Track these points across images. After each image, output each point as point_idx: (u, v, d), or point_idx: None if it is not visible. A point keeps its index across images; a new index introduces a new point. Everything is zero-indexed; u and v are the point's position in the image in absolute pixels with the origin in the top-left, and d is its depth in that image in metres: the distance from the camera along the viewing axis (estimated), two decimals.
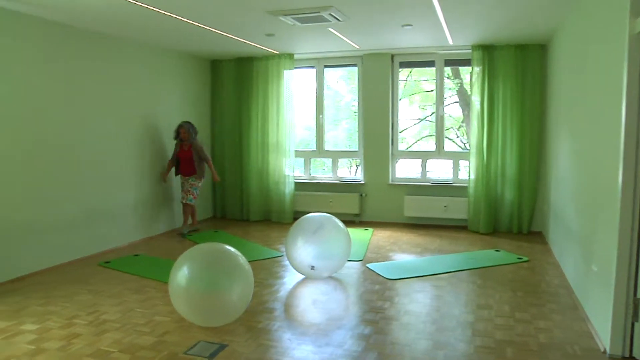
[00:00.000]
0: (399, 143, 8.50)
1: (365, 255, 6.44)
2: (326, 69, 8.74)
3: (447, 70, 9.40)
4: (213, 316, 4.06)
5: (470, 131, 7.82)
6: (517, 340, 3.85)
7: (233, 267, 4.09)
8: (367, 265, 5.95)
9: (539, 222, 7.62)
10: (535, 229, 7.67)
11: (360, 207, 8.47)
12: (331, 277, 5.50)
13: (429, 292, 5.07)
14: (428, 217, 8.15)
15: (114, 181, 6.83)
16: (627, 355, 3.52)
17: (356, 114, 8.77)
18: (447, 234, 7.67)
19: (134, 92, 7.18)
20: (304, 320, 4.40)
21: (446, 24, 6.19)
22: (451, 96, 10.92)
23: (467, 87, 10.31)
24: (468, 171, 7.80)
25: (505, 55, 7.43)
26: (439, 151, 8.25)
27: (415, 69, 9.95)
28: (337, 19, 5.78)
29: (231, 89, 8.85)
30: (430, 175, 8.42)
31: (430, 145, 10.33)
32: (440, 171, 9.24)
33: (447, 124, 9.77)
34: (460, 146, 11.21)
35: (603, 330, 3.73)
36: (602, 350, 3.65)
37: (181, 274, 4.00)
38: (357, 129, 8.71)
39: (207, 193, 9.02)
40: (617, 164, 3.46)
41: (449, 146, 9.70)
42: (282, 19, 5.76)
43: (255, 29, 6.44)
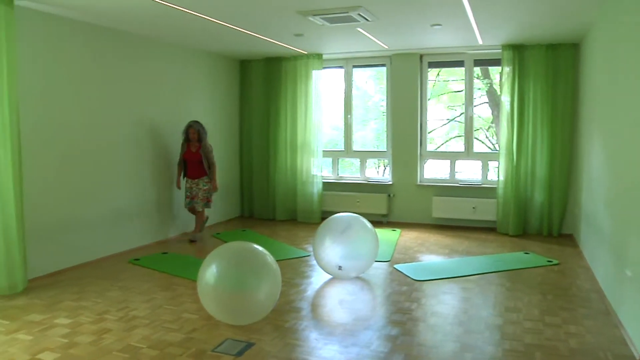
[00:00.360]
0: (427, 143, 8.45)
1: (392, 256, 6.42)
2: (355, 69, 8.73)
3: (477, 70, 9.30)
4: (241, 314, 4.09)
5: (499, 132, 7.73)
6: (547, 345, 3.79)
7: (261, 266, 4.12)
8: (395, 266, 5.93)
9: (570, 224, 7.49)
10: (565, 231, 7.55)
11: (388, 207, 8.44)
12: (358, 278, 5.50)
13: (457, 294, 5.03)
14: (456, 219, 8.08)
15: (145, 179, 6.95)
16: None
17: (384, 114, 8.74)
18: (475, 235, 7.60)
19: (165, 92, 7.29)
20: (330, 320, 4.41)
21: (476, 24, 6.13)
22: (480, 96, 10.81)
23: (496, 87, 10.21)
24: (497, 172, 7.71)
25: (536, 54, 7.32)
26: (468, 152, 8.17)
27: (443, 69, 9.88)
28: (366, 19, 5.77)
29: (260, 89, 8.90)
30: (458, 176, 8.35)
31: (459, 146, 10.25)
32: (469, 172, 9.15)
33: (476, 124, 9.67)
34: (489, 147, 11.09)
35: (638, 337, 3.64)
36: (637, 358, 3.57)
37: (210, 272, 4.04)
38: (385, 129, 8.68)
39: (234, 192, 9.09)
40: None
41: (478, 147, 9.60)
42: (311, 19, 5.78)
43: (285, 29, 6.47)
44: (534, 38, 7.01)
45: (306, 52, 8.28)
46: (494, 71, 9.97)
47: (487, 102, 11.03)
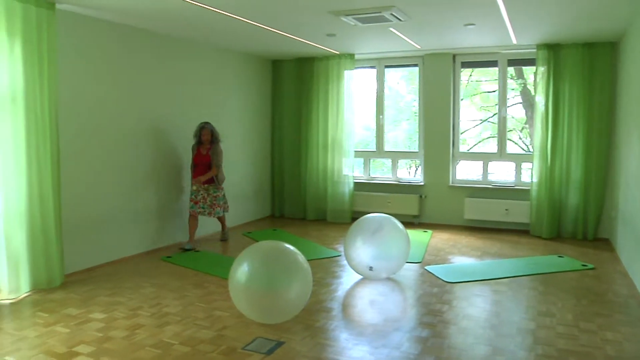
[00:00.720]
0: (459, 144, 8.37)
1: (423, 257, 6.38)
2: (387, 69, 8.70)
3: (510, 70, 9.18)
4: (271, 313, 4.12)
5: (533, 133, 7.61)
6: (582, 351, 3.71)
7: (292, 266, 4.14)
8: (426, 268, 5.90)
9: (606, 228, 7.33)
10: (601, 235, 7.38)
11: (419, 208, 8.39)
12: (389, 279, 5.48)
13: (489, 296, 4.97)
14: (488, 221, 7.99)
15: (178, 179, 7.05)
16: None
17: (416, 114, 8.69)
18: (507, 238, 7.49)
19: (198, 92, 7.39)
20: (361, 321, 4.41)
21: (510, 23, 6.05)
22: (514, 97, 10.66)
23: (530, 87, 10.06)
24: (531, 174, 7.59)
25: (572, 54, 7.18)
26: (501, 153, 8.07)
27: (476, 69, 9.77)
28: (398, 18, 5.75)
29: (292, 89, 8.95)
30: (491, 178, 8.26)
31: (491, 147, 10.12)
32: (502, 174, 9.03)
33: (510, 125, 9.53)
34: (523, 148, 10.93)
35: None
36: None
37: (241, 271, 4.08)
38: (417, 130, 8.63)
39: (265, 192, 9.15)
40: None
41: (511, 148, 9.47)
42: (343, 19, 5.78)
43: (317, 29, 6.49)
44: (570, 37, 6.88)
45: (338, 52, 8.29)
46: (528, 71, 9.82)
47: (520, 103, 10.87)
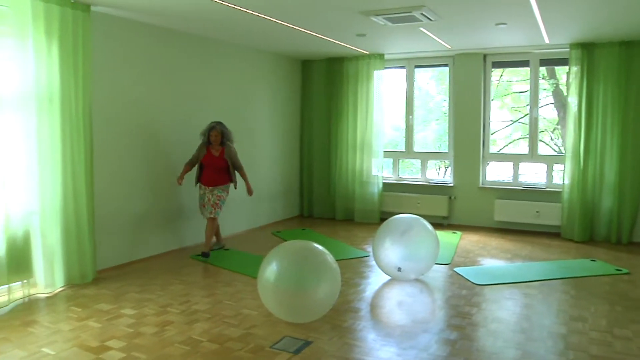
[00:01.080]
0: (490, 145, 8.28)
1: (452, 259, 6.33)
2: (417, 69, 8.65)
3: (542, 70, 9.03)
4: (300, 313, 4.14)
5: (565, 134, 7.48)
6: (616, 358, 3.63)
7: (321, 265, 4.16)
8: (455, 269, 5.85)
9: None
10: (636, 239, 7.21)
11: (448, 209, 8.32)
12: (418, 280, 5.46)
13: (519, 299, 4.91)
14: (519, 223, 7.88)
15: None
16: None
17: (446, 115, 8.62)
18: (538, 240, 7.38)
19: (228, 91, 7.45)
20: (389, 322, 4.40)
21: (543, 22, 5.95)
22: (546, 97, 10.49)
23: (563, 87, 9.88)
24: (563, 176, 7.46)
25: (607, 53, 7.03)
26: (532, 154, 7.95)
27: (507, 69, 9.64)
28: (428, 18, 5.71)
29: (321, 89, 8.97)
30: (522, 179, 8.14)
31: (522, 148, 9.99)
32: (533, 175, 8.90)
33: (541, 126, 9.39)
34: (554, 149, 10.75)
35: None
36: None
37: (270, 270, 4.11)
38: (447, 131, 8.57)
39: (294, 192, 9.19)
40: None
41: (542, 149, 9.32)
42: (373, 19, 5.78)
43: (347, 29, 6.50)
44: (606, 35, 6.73)
45: (368, 52, 8.28)
46: (561, 71, 9.65)
47: (552, 103, 10.69)
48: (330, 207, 9.03)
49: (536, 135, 7.96)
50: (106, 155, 5.66)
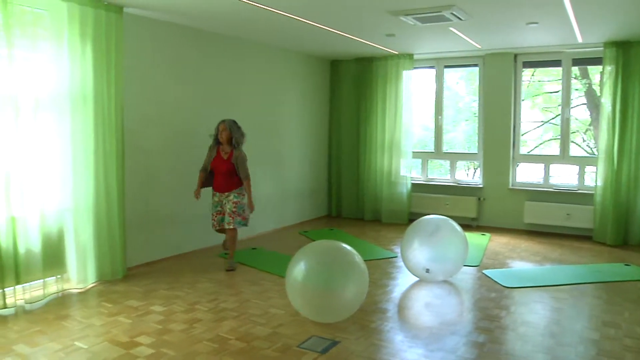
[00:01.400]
0: (520, 146, 8.17)
1: (481, 260, 6.27)
2: (446, 69, 8.59)
3: (574, 70, 8.88)
4: (327, 312, 4.15)
5: (598, 135, 7.33)
6: None
7: (349, 266, 4.15)
8: (483, 272, 5.79)
9: None
10: None
11: (477, 211, 8.24)
12: (446, 281, 5.42)
13: (548, 303, 4.84)
14: (549, 225, 7.75)
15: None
16: None
17: (476, 115, 8.54)
18: (569, 243, 7.26)
19: (257, 91, 7.49)
20: (416, 323, 4.38)
21: (576, 21, 5.85)
22: (578, 97, 10.30)
23: (596, 87, 9.70)
24: (595, 178, 7.32)
25: None
26: (564, 155, 7.82)
27: (538, 69, 9.50)
28: (458, 18, 5.67)
29: (350, 89, 8.96)
30: (553, 181, 8.02)
31: (553, 149, 9.83)
32: (564, 177, 8.75)
33: (573, 127, 9.23)
34: (586, 151, 10.55)
35: None
36: None
37: (298, 269, 4.13)
38: (476, 131, 8.48)
39: (322, 191, 9.20)
40: None
41: (574, 150, 9.16)
42: (402, 19, 5.75)
43: (376, 29, 6.48)
44: None
45: (397, 52, 8.24)
46: (594, 71, 9.46)
47: (585, 104, 10.49)
48: (359, 207, 9.02)
49: (568, 136, 7.82)
50: (137, 155, 5.76)
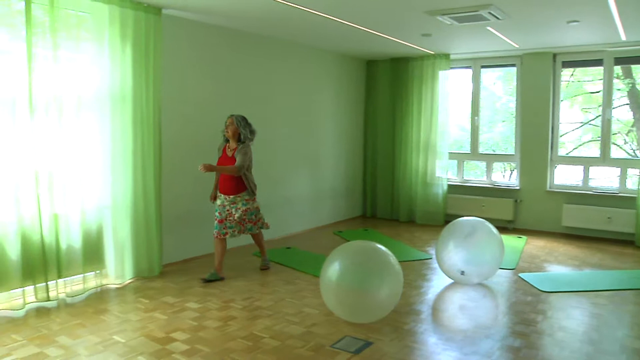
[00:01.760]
0: (558, 148, 8.01)
1: (517, 264, 6.16)
2: (483, 69, 8.47)
3: (617, 69, 8.64)
4: (361, 313, 4.14)
5: None
6: None
7: (384, 266, 4.14)
8: (520, 275, 5.69)
9: None
10: None
11: (514, 213, 8.11)
12: (481, 284, 5.35)
13: (587, 309, 4.72)
14: (588, 229, 7.57)
15: (273, 177, 7.20)
16: None
17: (513, 116, 8.40)
18: (609, 248, 7.07)
19: (294, 91, 7.54)
20: (450, 326, 4.34)
21: (620, 18, 5.68)
22: (620, 98, 10.03)
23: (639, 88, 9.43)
24: (638, 180, 7.12)
25: None
26: (604, 157, 7.63)
27: (578, 68, 9.28)
28: (496, 17, 5.59)
29: (386, 89, 8.93)
30: (592, 184, 7.83)
31: (593, 151, 9.60)
32: (605, 179, 8.54)
33: (614, 128, 8.99)
34: (628, 153, 10.26)
35: None
36: None
37: (332, 269, 4.13)
38: (513, 132, 8.34)
39: (357, 192, 9.18)
40: None
41: (615, 152, 8.93)
42: (439, 18, 5.71)
43: (412, 29, 6.44)
44: None
45: (433, 52, 8.17)
46: (638, 70, 9.20)
47: (627, 104, 10.20)
48: (393, 208, 8.98)
49: (609, 138, 7.62)
50: (174, 154, 5.85)
